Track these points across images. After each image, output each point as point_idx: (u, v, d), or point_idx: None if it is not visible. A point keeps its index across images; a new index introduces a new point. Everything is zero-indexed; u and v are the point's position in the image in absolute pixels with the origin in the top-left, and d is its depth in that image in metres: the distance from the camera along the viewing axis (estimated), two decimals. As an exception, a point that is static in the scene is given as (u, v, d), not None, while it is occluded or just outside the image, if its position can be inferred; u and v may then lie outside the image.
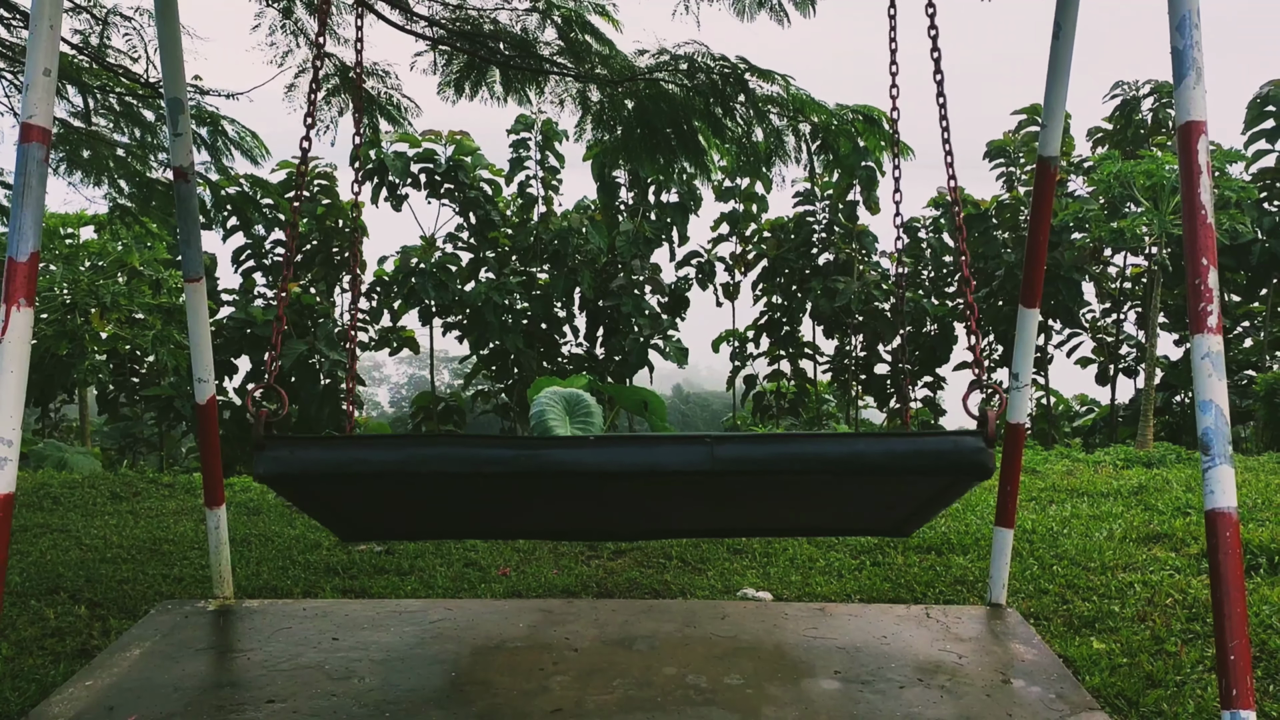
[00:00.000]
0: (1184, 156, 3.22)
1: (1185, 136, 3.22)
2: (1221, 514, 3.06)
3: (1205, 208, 3.20)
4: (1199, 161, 3.21)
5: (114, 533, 7.85)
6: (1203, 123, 3.25)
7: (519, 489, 3.59)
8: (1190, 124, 3.22)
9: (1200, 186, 3.19)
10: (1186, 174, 3.21)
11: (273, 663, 4.42)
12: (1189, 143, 3.22)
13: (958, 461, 3.55)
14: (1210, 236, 3.20)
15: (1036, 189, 4.71)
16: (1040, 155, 4.69)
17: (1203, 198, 3.19)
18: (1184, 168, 3.22)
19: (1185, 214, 3.21)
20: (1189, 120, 3.22)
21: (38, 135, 3.16)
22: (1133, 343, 26.10)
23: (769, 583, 6.25)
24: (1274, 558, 6.16)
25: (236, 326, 23.46)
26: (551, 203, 22.46)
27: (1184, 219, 3.22)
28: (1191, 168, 3.21)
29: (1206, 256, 3.18)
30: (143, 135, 8.99)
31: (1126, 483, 9.81)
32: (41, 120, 3.17)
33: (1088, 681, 4.35)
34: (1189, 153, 3.22)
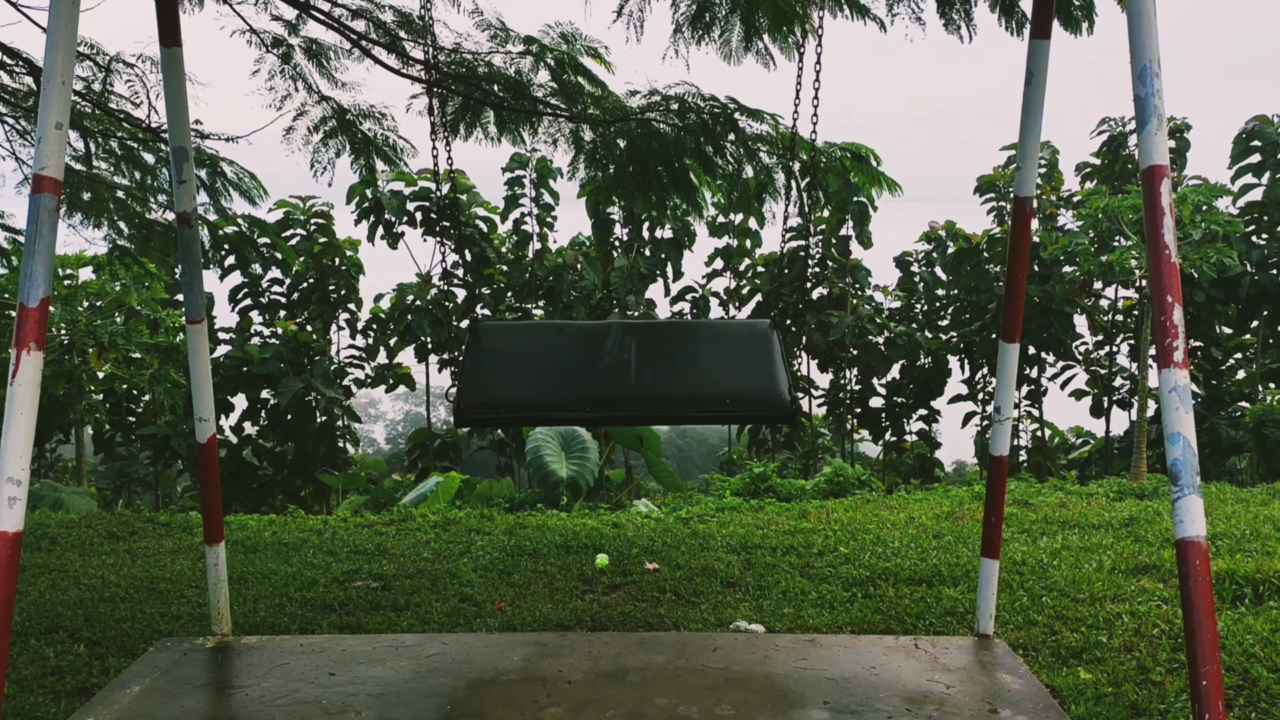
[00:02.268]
0: (1148, 199, 3.35)
1: (1149, 180, 3.35)
2: (1192, 543, 3.17)
3: (1169, 247, 3.32)
4: (1162, 204, 3.34)
5: (111, 572, 7.91)
6: (1165, 167, 3.38)
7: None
8: (1153, 168, 3.36)
9: (1164, 227, 3.32)
10: (1150, 216, 3.34)
11: (270, 698, 4.49)
12: (1152, 186, 3.35)
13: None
14: (1174, 275, 3.32)
15: (1014, 228, 4.85)
16: (1016, 195, 4.83)
17: (1166, 238, 3.32)
18: (1148, 210, 3.35)
19: (1150, 254, 3.34)
20: (1152, 165, 3.36)
21: (49, 186, 3.29)
22: (1126, 374, 26.27)
23: (761, 615, 6.33)
24: (1259, 588, 6.25)
25: (233, 365, 23.59)
26: (546, 239, 22.70)
27: (1149, 259, 3.35)
28: (1155, 210, 3.34)
29: (1171, 294, 3.30)
30: (143, 178, 9.14)
31: (1117, 515, 9.89)
32: (53, 172, 3.30)
33: (1073, 711, 4.43)
34: (1153, 195, 3.35)
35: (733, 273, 24.26)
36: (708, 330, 6.40)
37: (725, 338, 5.96)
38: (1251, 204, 22.88)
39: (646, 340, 5.69)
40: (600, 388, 5.43)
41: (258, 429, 25.88)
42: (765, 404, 5.37)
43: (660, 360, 5.56)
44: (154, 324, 20.26)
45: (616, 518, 11.46)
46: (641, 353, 5.56)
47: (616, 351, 5.57)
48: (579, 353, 5.64)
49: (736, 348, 5.69)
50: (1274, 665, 4.88)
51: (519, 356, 5.63)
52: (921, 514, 10.65)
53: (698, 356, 5.65)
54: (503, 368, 5.54)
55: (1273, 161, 22.39)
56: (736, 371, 5.51)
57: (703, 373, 5.56)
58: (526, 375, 5.54)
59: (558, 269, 21.79)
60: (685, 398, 5.47)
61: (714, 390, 5.43)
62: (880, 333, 23.54)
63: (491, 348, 5.62)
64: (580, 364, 5.56)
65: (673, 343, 5.75)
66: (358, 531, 10.21)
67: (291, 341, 23.70)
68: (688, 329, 6.25)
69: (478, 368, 5.48)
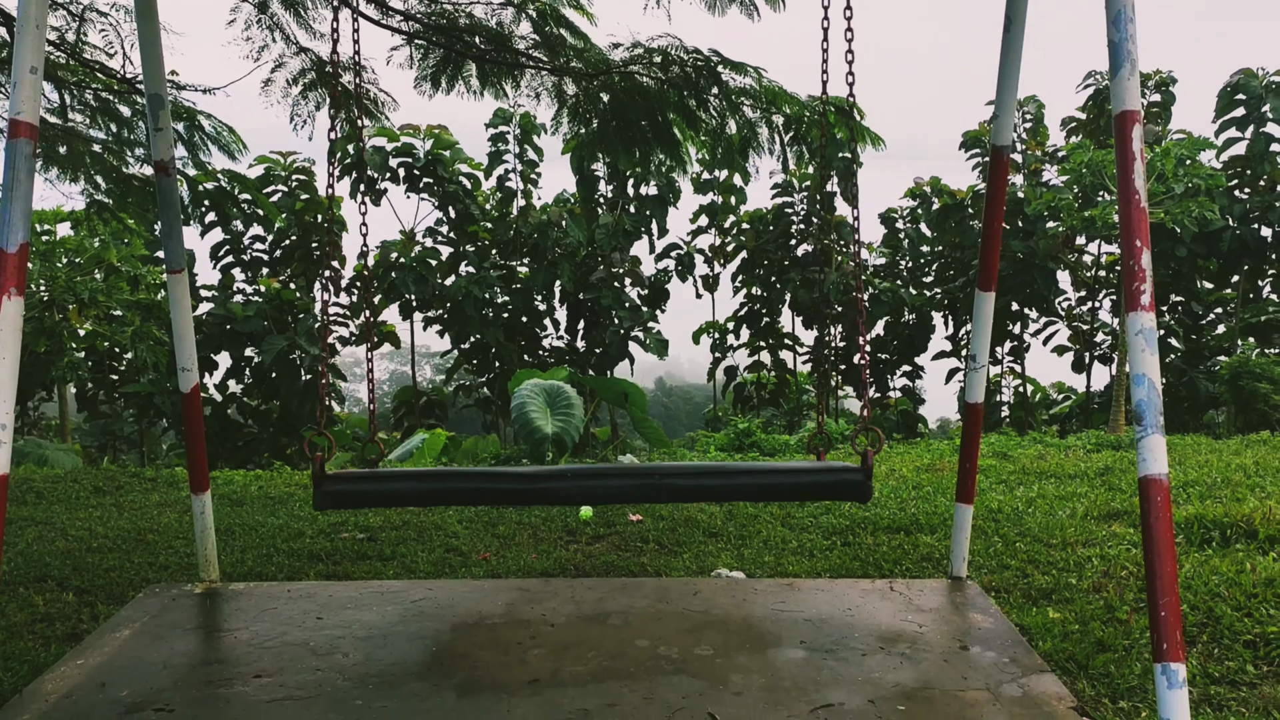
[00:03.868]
0: (1119, 144, 3.41)
1: (1121, 125, 3.41)
2: (1153, 480, 3.25)
3: (1139, 193, 3.38)
4: (1133, 149, 3.39)
5: (98, 524, 7.96)
6: (1137, 112, 3.43)
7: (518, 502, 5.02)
8: (1125, 113, 3.41)
9: (1134, 173, 3.38)
10: (1122, 161, 3.40)
11: (259, 641, 4.57)
12: (1124, 131, 3.40)
13: (843, 492, 4.73)
14: (1143, 220, 3.39)
15: (990, 178, 4.89)
16: (993, 144, 4.87)
17: (1136, 183, 3.38)
18: (1119, 155, 3.40)
19: (1120, 199, 3.40)
20: (1124, 110, 3.41)
21: (25, 131, 3.30)
22: (1108, 330, 26.45)
23: (743, 563, 6.43)
24: (1226, 531, 6.38)
25: (216, 322, 23.51)
26: (531, 196, 22.60)
27: (1120, 203, 3.41)
28: (1126, 155, 3.39)
29: (1140, 239, 3.37)
30: (119, 131, 9.06)
31: (1093, 465, 10.04)
32: (29, 117, 3.31)
33: (1040, 647, 4.55)
34: (1124, 140, 3.40)
35: (718, 229, 24.25)
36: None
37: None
38: (1235, 158, 22.94)
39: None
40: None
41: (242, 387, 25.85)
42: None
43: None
44: (134, 281, 20.17)
45: (601, 471, 11.56)
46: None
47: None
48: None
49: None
50: (1237, 604, 5.00)
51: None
52: (902, 466, 10.78)
53: None
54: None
55: (1256, 115, 22.43)
56: None
57: None
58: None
59: (542, 226, 21.73)
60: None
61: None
62: (865, 289, 23.62)
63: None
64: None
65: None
66: (343, 485, 10.29)
67: (275, 299, 23.61)
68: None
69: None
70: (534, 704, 3.91)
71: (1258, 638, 4.62)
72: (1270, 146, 22.40)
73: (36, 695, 4.05)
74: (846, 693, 4.00)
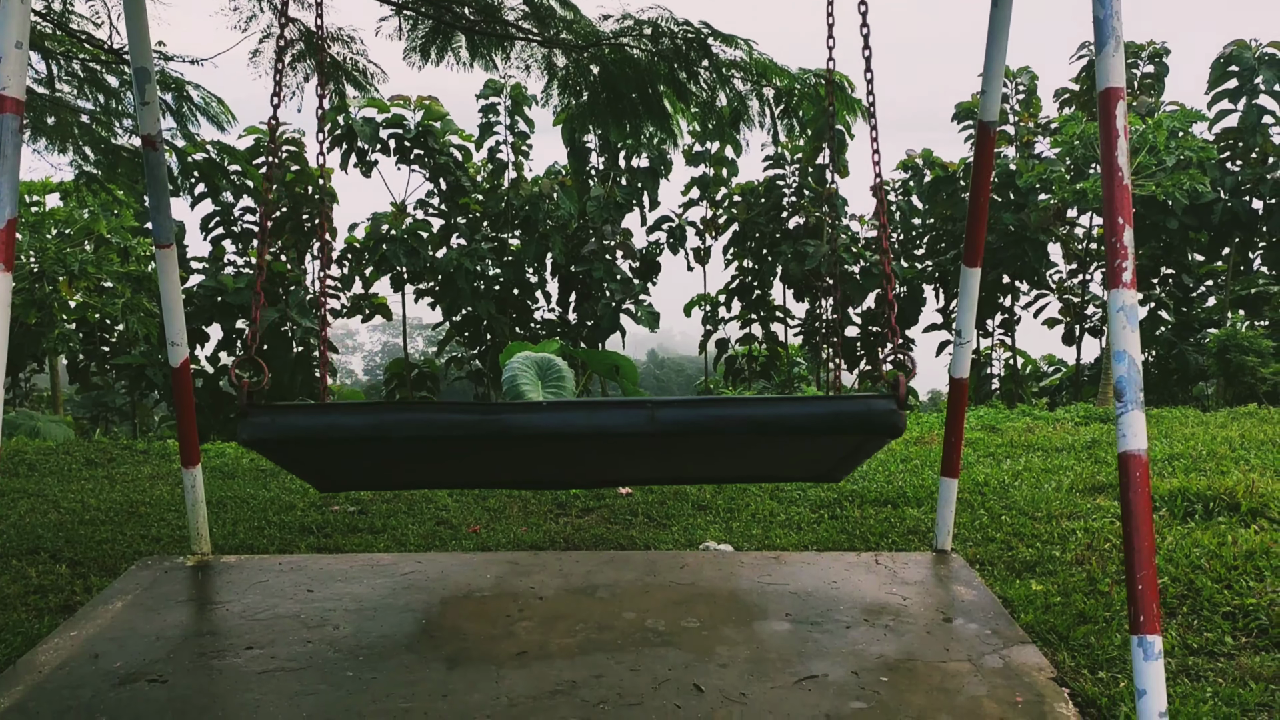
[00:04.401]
0: (1103, 121, 3.42)
1: (1105, 102, 3.42)
2: (1132, 456, 3.29)
3: (1122, 169, 3.40)
4: (1117, 126, 3.41)
5: (91, 496, 8.00)
6: (1121, 89, 3.44)
7: (483, 448, 3.92)
8: (1109, 90, 3.42)
9: (1118, 150, 3.40)
10: (1106, 138, 3.42)
11: (250, 613, 4.62)
12: (1109, 108, 3.42)
13: (871, 421, 3.82)
14: (1126, 197, 3.41)
15: (977, 152, 4.91)
16: (980, 120, 4.88)
17: (1119, 160, 3.40)
18: (1103, 131, 3.42)
19: (1104, 175, 3.42)
20: (1108, 86, 3.42)
21: (11, 106, 3.30)
22: (1098, 303, 26.49)
23: (731, 536, 6.49)
24: (1209, 504, 6.44)
25: (207, 295, 23.44)
26: (522, 168, 22.50)
27: (1103, 180, 3.43)
28: (1110, 132, 3.41)
29: (1123, 215, 3.39)
30: (107, 101, 9.02)
31: (1081, 438, 10.12)
32: (15, 92, 3.30)
33: (1022, 619, 4.62)
34: (1109, 117, 3.42)
35: (709, 202, 24.17)
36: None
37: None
38: (1227, 130, 22.89)
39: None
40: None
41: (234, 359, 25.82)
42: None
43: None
44: (124, 252, 20.09)
45: (591, 444, 11.62)
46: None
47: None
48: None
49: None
50: (1218, 576, 5.07)
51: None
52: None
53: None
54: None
55: (1249, 87, 22.36)
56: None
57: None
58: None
59: (533, 198, 21.65)
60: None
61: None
62: (856, 262, 23.62)
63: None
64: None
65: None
66: (335, 458, 10.33)
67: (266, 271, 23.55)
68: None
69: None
70: (522, 675, 3.96)
71: (1236, 609, 4.68)
72: (1263, 119, 22.35)
73: (30, 666, 4.10)
74: (830, 664, 4.06)
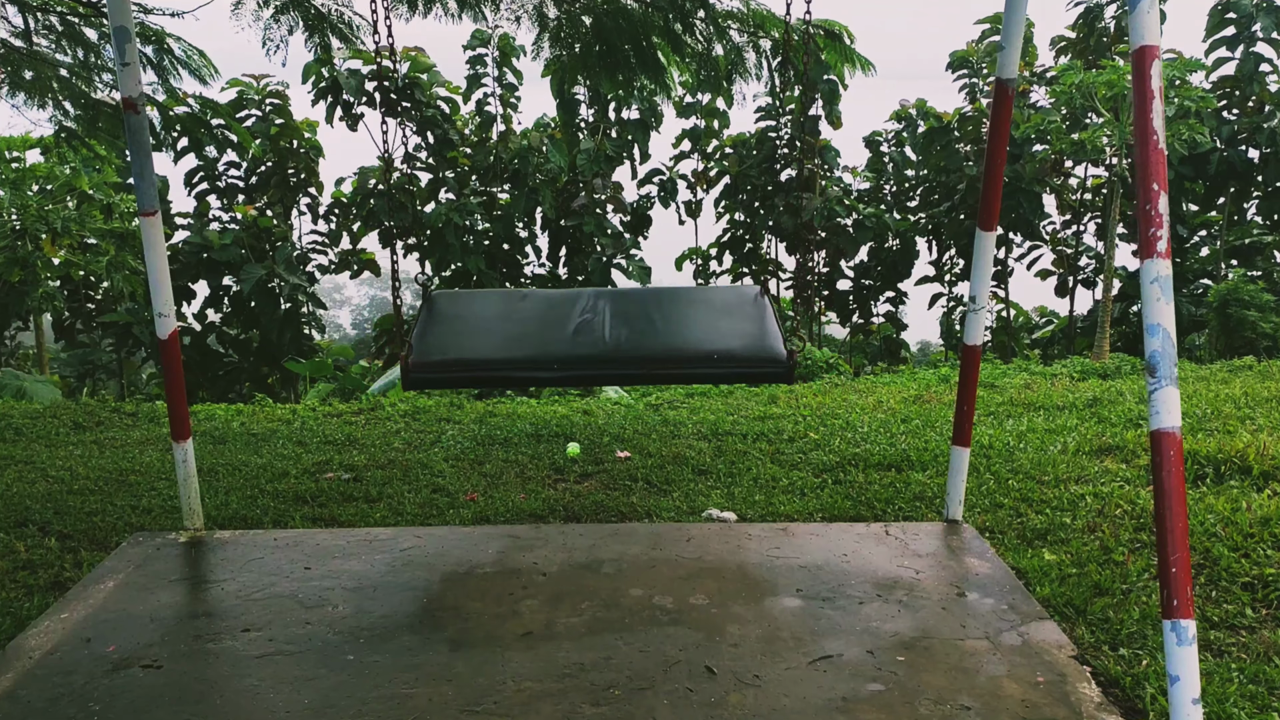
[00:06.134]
0: (1138, 82, 3.25)
1: (1139, 61, 3.24)
2: (1166, 434, 3.16)
3: (1157, 133, 3.24)
4: (1151, 86, 3.23)
5: (79, 464, 7.84)
6: (1156, 47, 3.27)
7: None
8: (1144, 48, 3.24)
9: (1153, 111, 3.23)
10: (1140, 99, 3.24)
11: (246, 593, 4.49)
12: (1143, 68, 3.24)
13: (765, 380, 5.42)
14: (1161, 162, 3.25)
15: (994, 112, 4.73)
16: (998, 77, 4.70)
17: (1155, 123, 3.23)
18: (1137, 93, 3.25)
19: (1138, 139, 3.25)
20: (1143, 45, 3.24)
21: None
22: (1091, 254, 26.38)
23: (733, 503, 6.38)
24: (1220, 468, 6.35)
25: (193, 251, 23.14)
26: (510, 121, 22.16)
27: (1136, 144, 3.26)
28: (1145, 93, 3.24)
29: (1158, 181, 3.23)
30: (86, 56, 8.78)
31: (1081, 395, 10.02)
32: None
33: (1038, 592, 4.52)
34: (1142, 78, 3.24)
35: (700, 154, 23.89)
36: (690, 295, 5.85)
37: (709, 301, 5.56)
38: (1224, 78, 22.68)
39: (623, 303, 5.36)
40: (569, 346, 5.04)
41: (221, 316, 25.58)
42: (757, 360, 4.96)
43: (638, 319, 5.20)
44: (108, 209, 19.75)
45: (586, 404, 11.48)
46: (617, 313, 5.22)
47: (588, 313, 5.23)
48: (545, 315, 5.28)
49: (722, 309, 5.35)
50: (1234, 544, 4.98)
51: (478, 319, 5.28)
52: (890, 398, 10.74)
53: (679, 316, 5.30)
54: (459, 330, 5.16)
55: (1246, 34, 22.11)
56: (723, 329, 5.12)
57: (685, 331, 5.18)
58: (486, 336, 5.13)
59: (523, 151, 21.34)
60: (666, 355, 5.01)
61: (698, 347, 5.01)
62: (848, 214, 23.40)
63: (447, 314, 5.29)
64: (546, 325, 5.19)
65: (651, 305, 5.36)
66: (327, 421, 10.18)
67: (252, 227, 23.23)
68: (669, 293, 5.69)
69: (430, 330, 5.12)
70: (528, 658, 3.85)
71: (1255, 579, 4.60)
72: (1260, 66, 22.14)
73: (20, 651, 3.97)
74: (845, 643, 3.96)
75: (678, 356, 4.99)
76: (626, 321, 5.15)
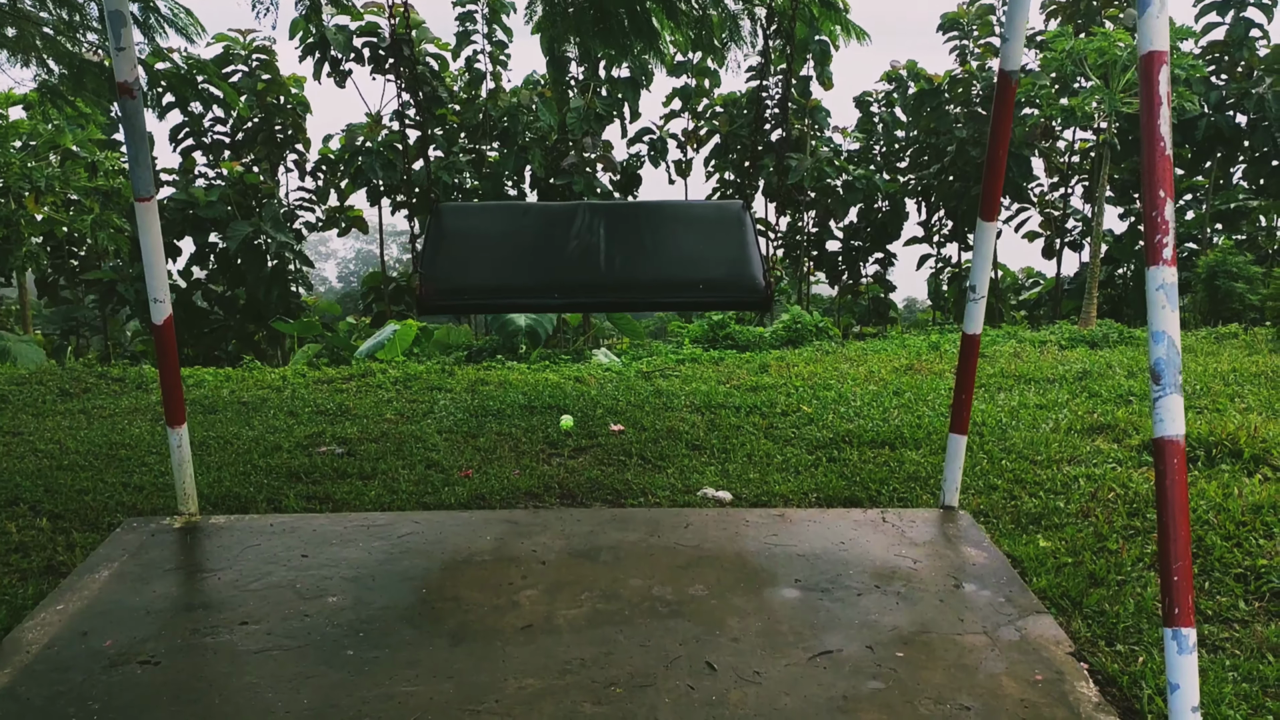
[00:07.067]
0: (1145, 87, 3.21)
1: (1147, 67, 3.21)
2: (1169, 442, 3.16)
3: (1164, 140, 3.21)
4: (1159, 92, 3.20)
5: (68, 436, 7.79)
6: (1164, 53, 3.23)
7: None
8: (1152, 54, 3.20)
9: (1160, 118, 3.19)
10: (1147, 104, 3.21)
11: (243, 582, 4.47)
12: (1150, 73, 3.20)
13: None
14: (1168, 168, 3.22)
15: (997, 103, 4.68)
16: (1001, 69, 4.64)
17: (1162, 129, 3.20)
18: (1144, 99, 3.21)
19: (1145, 145, 3.22)
20: (1151, 50, 3.20)
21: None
22: (1079, 216, 26.37)
23: (728, 481, 6.39)
24: (1211, 450, 6.38)
25: (178, 208, 22.89)
26: (500, 78, 21.88)
27: (1144, 150, 3.23)
28: (1153, 99, 3.20)
29: (1164, 189, 3.20)
30: (70, 15, 8.63)
31: (1071, 368, 10.05)
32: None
33: (1034, 583, 4.54)
34: (1150, 83, 3.20)
35: (691, 113, 23.69)
36: (677, 211, 6.15)
37: (696, 219, 5.85)
38: (1213, 43, 22.56)
39: (615, 222, 5.58)
40: (568, 273, 5.33)
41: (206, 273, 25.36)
42: (738, 289, 5.29)
43: (630, 244, 5.45)
44: (92, 167, 19.46)
45: (578, 371, 11.46)
46: (610, 236, 5.45)
47: (585, 234, 5.43)
48: (545, 235, 5.51)
49: (708, 229, 5.62)
50: (1227, 533, 5.01)
51: (483, 241, 5.49)
52: (881, 367, 10.77)
53: (668, 239, 5.53)
54: (467, 252, 5.38)
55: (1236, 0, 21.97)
56: (708, 255, 5.41)
57: (673, 257, 5.45)
58: (492, 260, 5.39)
59: (512, 109, 21.11)
60: (656, 283, 5.33)
61: (686, 275, 5.31)
62: (838, 175, 23.28)
63: (454, 231, 5.51)
64: (547, 248, 5.44)
65: (642, 224, 5.61)
66: (317, 389, 10.14)
67: (238, 183, 22.97)
68: (657, 209, 5.99)
69: (441, 253, 5.36)
70: (529, 653, 3.86)
71: (1248, 570, 4.63)
72: (1249, 32, 22.01)
73: (17, 646, 3.95)
74: (844, 637, 3.98)
75: (667, 284, 5.36)
76: (619, 243, 5.44)
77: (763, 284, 5.23)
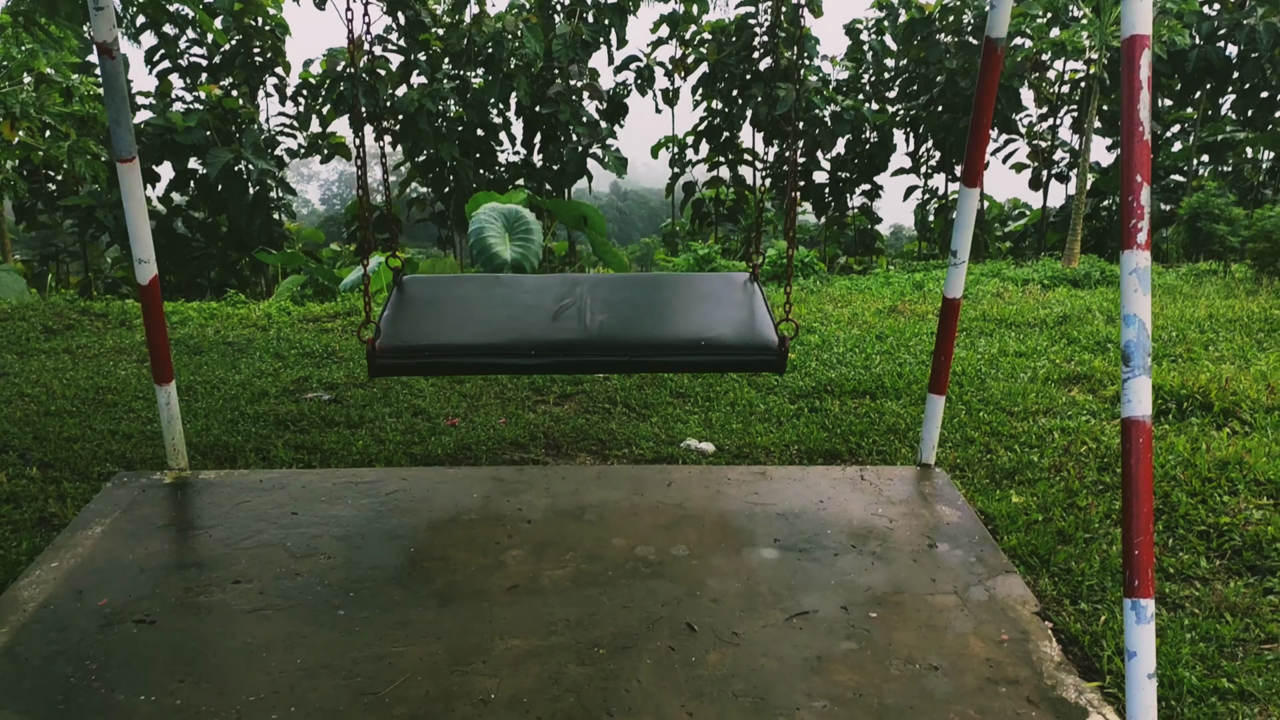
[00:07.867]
0: (1126, 71, 3.24)
1: (1129, 51, 3.23)
2: (1136, 422, 3.26)
3: (1143, 125, 3.25)
4: (1140, 77, 3.23)
5: (54, 378, 7.83)
6: (1147, 37, 3.25)
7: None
8: (1135, 38, 3.22)
9: (1140, 103, 3.23)
10: (1128, 89, 3.24)
11: (235, 540, 4.57)
12: (1132, 57, 3.23)
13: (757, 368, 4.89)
14: (1146, 154, 3.27)
15: (982, 69, 4.68)
16: (988, 36, 4.64)
17: (1141, 114, 3.24)
18: (1125, 83, 3.25)
19: (1124, 129, 3.26)
20: (1133, 34, 3.22)
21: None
22: (1066, 148, 26.31)
23: (711, 431, 6.50)
24: (1182, 403, 6.52)
25: (156, 133, 22.59)
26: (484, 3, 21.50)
27: (1122, 134, 3.27)
28: (1133, 83, 3.24)
29: (1141, 173, 3.25)
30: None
31: (1052, 311, 10.16)
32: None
33: (1005, 542, 4.69)
34: (1132, 68, 3.24)
35: (679, 41, 23.36)
36: (677, 281, 5.51)
37: (696, 288, 5.30)
38: (1208, -27, 22.33)
39: (605, 290, 5.12)
40: (549, 332, 4.75)
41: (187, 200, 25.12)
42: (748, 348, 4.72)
43: (622, 307, 4.94)
44: (67, 92, 19.15)
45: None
46: (599, 301, 4.97)
47: (569, 299, 4.97)
48: (524, 301, 5.02)
49: (710, 296, 5.13)
50: (1192, 489, 5.15)
51: (452, 302, 5.01)
52: (864, 310, 10.85)
53: (666, 303, 5.06)
54: (431, 314, 4.90)
55: (1234, -73, 21.71)
56: (712, 316, 4.88)
57: (672, 318, 4.93)
58: (460, 321, 4.86)
59: (497, 35, 20.77)
60: (652, 342, 4.72)
61: (687, 333, 4.75)
62: (826, 106, 23.09)
63: (418, 298, 5.04)
64: (525, 311, 4.91)
65: (636, 292, 5.14)
66: (303, 328, 10.17)
67: (217, 108, 22.64)
68: (654, 280, 5.46)
69: (400, 314, 4.87)
70: (515, 613, 3.98)
71: (1211, 528, 4.78)
72: (1245, -40, 21.79)
73: (13, 605, 4.05)
74: (820, 598, 4.11)
75: (664, 343, 4.72)
76: (609, 308, 4.86)
77: (775, 340, 4.71)
